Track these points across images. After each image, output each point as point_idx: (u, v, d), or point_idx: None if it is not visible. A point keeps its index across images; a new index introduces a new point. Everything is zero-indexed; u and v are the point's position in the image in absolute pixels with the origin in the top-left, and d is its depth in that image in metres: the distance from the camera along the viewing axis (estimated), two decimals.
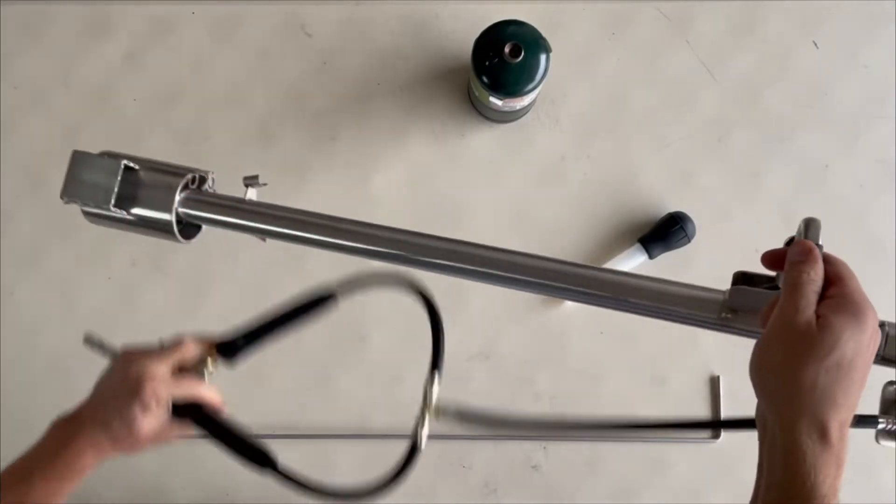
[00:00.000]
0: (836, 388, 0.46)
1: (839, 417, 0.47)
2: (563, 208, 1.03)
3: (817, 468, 0.46)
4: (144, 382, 0.64)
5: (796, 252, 0.52)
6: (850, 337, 0.46)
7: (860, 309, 0.47)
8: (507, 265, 0.67)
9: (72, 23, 1.06)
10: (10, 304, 1.04)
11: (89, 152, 0.76)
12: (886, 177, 1.03)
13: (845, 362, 0.46)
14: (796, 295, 0.49)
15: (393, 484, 0.64)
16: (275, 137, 1.05)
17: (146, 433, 0.65)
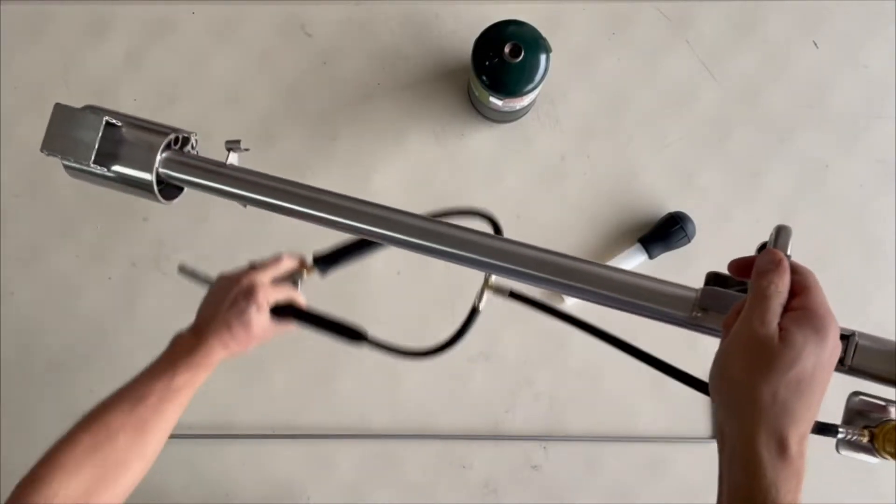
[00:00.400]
0: (796, 402, 0.46)
1: (799, 431, 0.47)
2: (562, 208, 1.03)
3: (777, 483, 0.46)
4: (256, 288, 0.77)
5: (764, 261, 0.50)
6: (811, 351, 0.46)
7: (823, 323, 0.47)
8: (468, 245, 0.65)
9: (72, 22, 1.06)
10: (10, 304, 1.04)
11: (72, 106, 0.74)
12: (886, 177, 1.03)
13: (806, 376, 0.46)
14: (761, 307, 0.48)
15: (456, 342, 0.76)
16: (275, 137, 1.05)
17: (258, 331, 0.77)
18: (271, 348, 1.04)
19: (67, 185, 1.05)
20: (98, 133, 0.72)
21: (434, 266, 1.03)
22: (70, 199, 1.05)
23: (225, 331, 0.77)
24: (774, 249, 0.52)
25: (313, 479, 1.02)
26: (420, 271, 1.04)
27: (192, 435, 1.02)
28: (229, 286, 0.79)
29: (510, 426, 1.02)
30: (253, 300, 0.76)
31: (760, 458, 0.46)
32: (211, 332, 0.77)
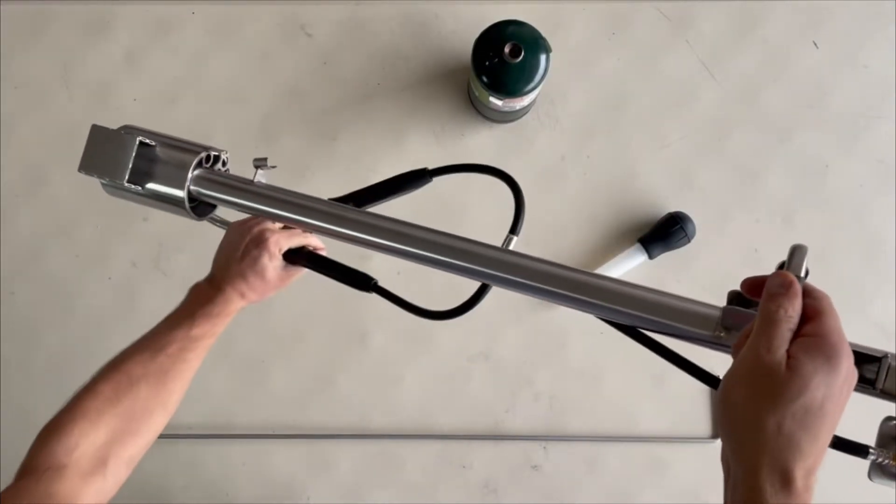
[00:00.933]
0: (803, 434, 0.44)
1: (805, 465, 0.44)
2: (563, 208, 1.03)
3: None
4: (268, 235, 0.77)
5: (774, 284, 0.48)
6: (821, 381, 0.44)
7: (835, 352, 0.44)
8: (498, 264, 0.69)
9: (72, 22, 1.06)
10: (10, 304, 1.04)
11: (107, 127, 0.77)
12: (886, 177, 1.03)
13: (814, 407, 0.44)
14: (769, 332, 0.46)
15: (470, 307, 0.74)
16: (275, 137, 1.05)
17: (273, 278, 0.78)
18: (271, 348, 1.04)
19: (67, 185, 1.05)
20: (132, 153, 0.75)
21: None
22: (70, 199, 1.05)
23: (240, 281, 0.77)
24: (786, 272, 0.49)
25: (313, 479, 1.02)
26: (420, 271, 1.04)
27: (193, 435, 1.02)
28: (241, 235, 0.79)
29: (510, 426, 1.02)
30: (265, 248, 0.77)
31: (763, 492, 0.44)
32: (227, 282, 0.77)
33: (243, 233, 0.79)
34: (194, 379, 1.03)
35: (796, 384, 0.43)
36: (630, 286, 0.63)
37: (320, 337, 1.03)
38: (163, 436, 1.01)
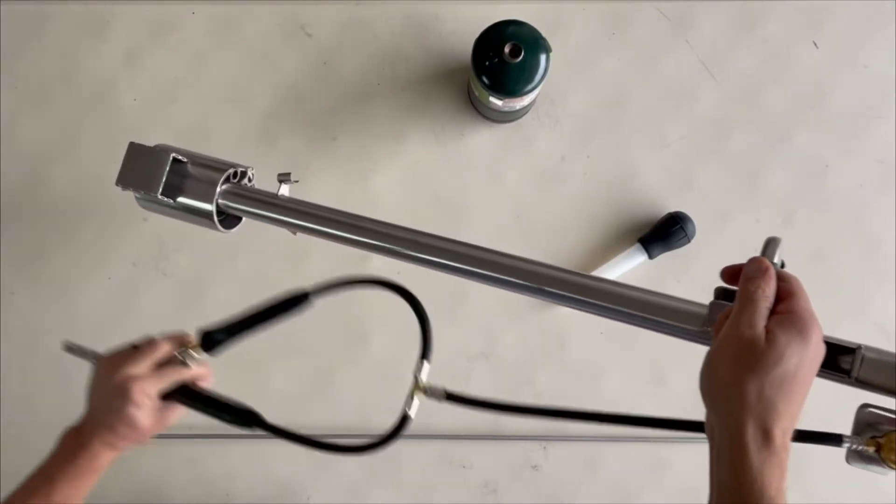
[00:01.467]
0: (780, 398, 0.49)
1: (782, 425, 0.50)
2: (562, 208, 1.03)
3: (763, 473, 0.50)
4: (130, 385, 0.71)
5: (752, 269, 0.54)
6: (794, 352, 0.49)
7: (806, 326, 0.50)
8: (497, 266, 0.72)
9: (72, 22, 1.06)
10: (10, 304, 1.04)
11: (144, 144, 0.82)
12: (886, 177, 1.03)
13: (789, 375, 0.49)
14: (748, 310, 0.51)
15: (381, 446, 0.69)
16: (275, 137, 1.05)
17: (146, 426, 0.72)
18: (271, 348, 1.04)
19: (67, 185, 1.05)
20: (166, 168, 0.81)
21: None
22: (70, 199, 1.05)
23: (108, 433, 0.72)
24: (761, 257, 0.55)
25: (313, 479, 1.02)
26: (420, 271, 1.04)
27: (193, 435, 1.02)
28: (106, 381, 0.73)
29: (510, 426, 1.02)
30: (129, 399, 0.70)
31: (747, 449, 0.50)
32: (94, 435, 0.72)
33: (107, 380, 0.72)
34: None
35: (773, 355, 0.49)
36: (623, 286, 0.66)
37: (320, 337, 1.03)
38: (163, 436, 1.01)
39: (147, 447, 1.01)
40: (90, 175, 1.05)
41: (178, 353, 0.76)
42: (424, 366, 0.66)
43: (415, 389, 0.66)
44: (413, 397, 0.66)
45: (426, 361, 0.67)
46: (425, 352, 0.67)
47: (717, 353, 0.53)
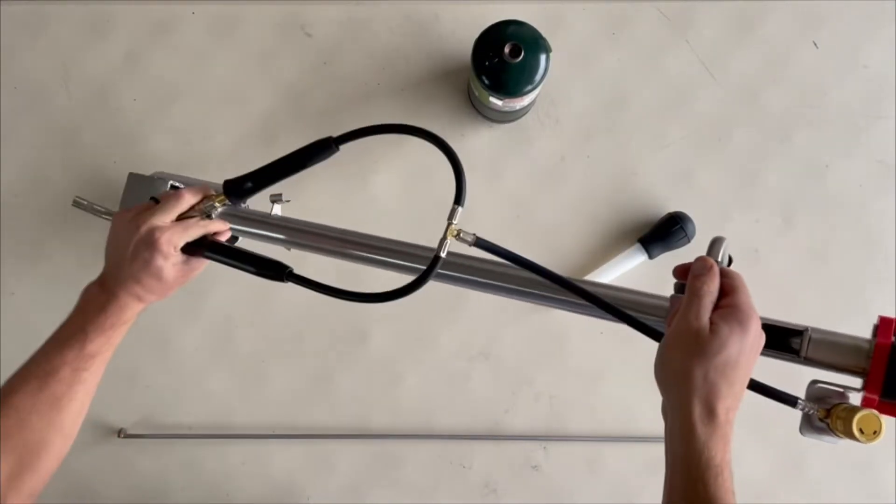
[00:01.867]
0: (723, 381, 0.57)
1: (725, 404, 0.57)
2: (562, 208, 1.03)
3: (709, 444, 0.56)
4: (157, 235, 0.71)
5: (698, 267, 0.61)
6: (735, 341, 0.57)
7: (746, 317, 0.58)
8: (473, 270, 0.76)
9: (72, 22, 1.06)
10: (10, 304, 1.04)
11: (142, 174, 0.88)
12: (886, 177, 1.03)
13: (731, 361, 0.57)
14: (695, 304, 0.59)
15: (414, 289, 0.66)
16: (275, 137, 1.05)
17: (173, 278, 0.73)
18: (271, 348, 1.04)
19: (67, 185, 1.05)
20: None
21: None
22: (70, 198, 1.05)
23: (135, 285, 0.71)
24: (706, 257, 0.62)
25: (313, 479, 1.02)
26: None
27: (193, 435, 1.02)
28: (129, 233, 0.72)
29: (510, 426, 1.02)
30: (157, 249, 0.70)
31: (694, 424, 0.57)
32: (120, 287, 0.71)
33: (131, 231, 0.72)
34: (194, 379, 1.03)
35: (717, 344, 0.57)
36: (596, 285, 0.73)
37: (320, 337, 1.03)
38: (163, 436, 1.01)
39: (147, 447, 1.02)
40: (90, 175, 1.05)
41: (204, 205, 0.76)
42: (458, 210, 0.67)
43: (448, 231, 0.67)
44: (446, 238, 0.67)
45: (459, 206, 0.68)
46: (459, 197, 0.68)
47: (669, 344, 0.60)
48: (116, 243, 0.73)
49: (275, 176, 0.76)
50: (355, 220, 1.04)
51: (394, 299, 0.66)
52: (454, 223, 0.67)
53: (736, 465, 1.00)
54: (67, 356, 0.68)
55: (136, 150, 1.05)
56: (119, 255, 0.72)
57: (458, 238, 0.68)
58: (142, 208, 0.75)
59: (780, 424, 1.01)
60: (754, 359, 0.59)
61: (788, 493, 1.01)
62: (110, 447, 1.02)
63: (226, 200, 0.78)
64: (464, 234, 0.68)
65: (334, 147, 0.74)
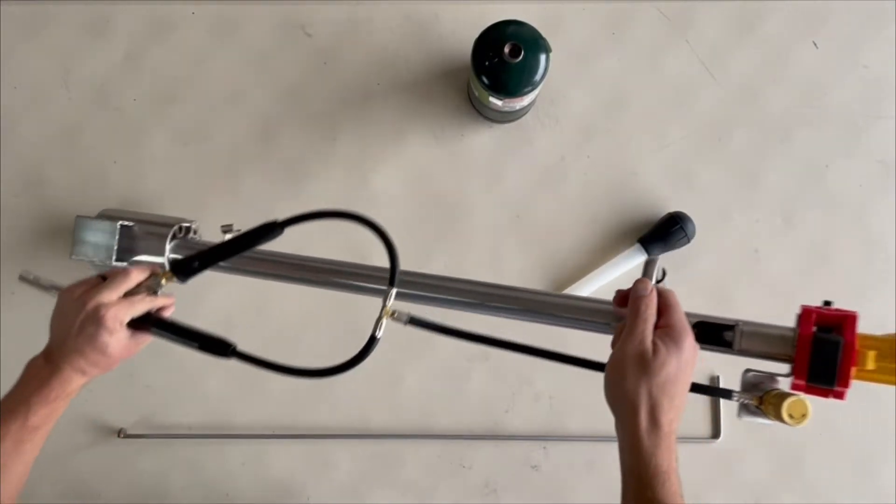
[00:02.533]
0: (664, 397, 0.63)
1: (668, 417, 0.64)
2: (562, 208, 1.03)
3: (655, 453, 0.63)
4: (103, 312, 0.73)
5: (639, 289, 0.68)
6: (673, 360, 0.64)
7: (679, 336, 0.65)
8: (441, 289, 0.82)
9: (72, 22, 1.06)
10: (9, 304, 1.04)
11: (89, 216, 0.91)
12: (886, 177, 1.03)
13: (671, 378, 0.64)
14: (639, 328, 0.65)
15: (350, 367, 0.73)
16: (275, 137, 1.05)
17: (117, 352, 0.75)
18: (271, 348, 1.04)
19: (67, 185, 1.05)
20: (116, 236, 0.90)
21: (433, 266, 1.03)
22: (70, 199, 1.05)
23: (79, 358, 0.73)
24: (646, 279, 0.69)
25: (313, 479, 1.02)
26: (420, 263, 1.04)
27: (193, 435, 1.02)
28: (76, 309, 0.74)
29: (510, 426, 1.02)
30: (102, 325, 0.72)
31: (641, 437, 0.63)
32: (64, 360, 0.73)
33: (77, 308, 0.74)
34: (193, 379, 1.03)
35: (657, 364, 0.63)
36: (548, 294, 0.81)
37: (320, 337, 1.03)
38: (163, 436, 1.01)
39: (147, 447, 1.02)
40: (90, 175, 1.05)
41: (150, 282, 0.79)
42: (392, 291, 0.73)
43: (383, 312, 0.73)
44: (381, 320, 0.73)
45: (394, 288, 0.73)
46: (392, 279, 0.73)
47: (615, 365, 0.66)
48: (63, 319, 0.75)
49: (221, 256, 0.78)
50: None
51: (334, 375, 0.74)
52: (388, 305, 0.72)
53: (736, 466, 1.00)
54: (11, 428, 0.70)
55: (136, 151, 1.05)
56: (65, 330, 0.74)
57: (393, 318, 0.73)
58: (89, 285, 0.76)
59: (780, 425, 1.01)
60: (691, 371, 0.66)
61: (788, 493, 1.01)
62: (110, 447, 1.02)
63: (173, 278, 0.79)
64: (398, 314, 0.74)
65: (279, 230, 0.77)
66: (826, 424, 1.00)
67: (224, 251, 0.78)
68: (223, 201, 1.04)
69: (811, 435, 1.00)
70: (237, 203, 1.04)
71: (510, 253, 1.03)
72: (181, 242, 0.89)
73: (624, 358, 0.65)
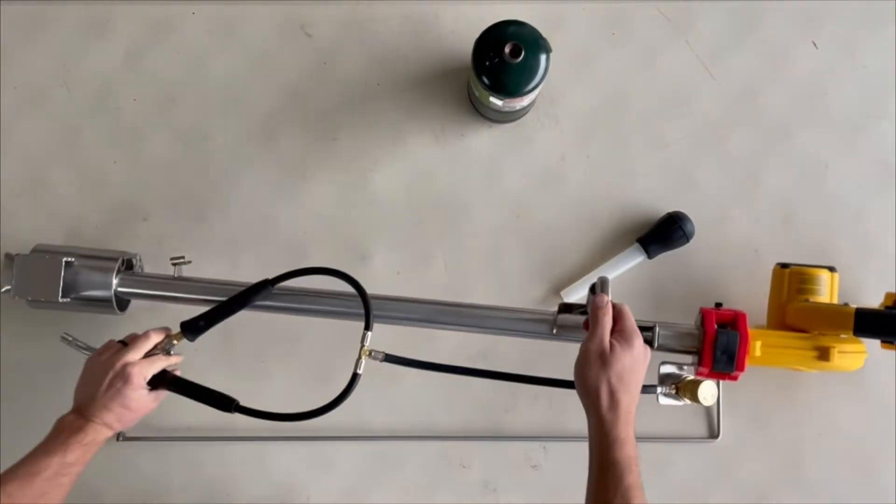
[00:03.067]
0: (621, 384, 0.77)
1: (625, 399, 0.76)
2: (562, 208, 1.03)
3: (615, 425, 0.75)
4: (130, 371, 0.84)
5: (599, 302, 0.82)
6: (626, 355, 0.78)
7: (632, 337, 0.79)
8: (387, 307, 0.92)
9: (72, 22, 1.06)
10: (9, 303, 1.04)
11: (29, 254, 0.93)
12: (886, 177, 1.03)
13: (626, 372, 0.77)
14: (598, 332, 0.80)
15: (335, 405, 0.84)
16: (275, 137, 1.05)
17: (140, 408, 0.86)
18: (271, 348, 1.04)
19: (67, 185, 1.05)
20: (61, 273, 0.91)
21: (433, 266, 1.03)
22: (70, 198, 1.05)
23: (107, 413, 0.83)
24: (603, 294, 0.82)
25: (313, 479, 1.02)
26: (419, 271, 1.04)
27: (192, 437, 1.02)
28: (104, 370, 0.84)
29: (510, 426, 1.02)
30: (129, 382, 0.83)
31: (602, 412, 0.76)
32: (94, 415, 0.83)
33: (106, 368, 0.84)
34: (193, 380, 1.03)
35: (614, 358, 0.77)
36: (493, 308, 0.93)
37: (320, 337, 1.03)
38: (163, 437, 1.01)
39: (147, 449, 1.02)
40: (90, 175, 1.05)
41: (164, 343, 0.89)
42: (367, 335, 0.85)
43: (361, 352, 0.84)
44: (361, 359, 0.84)
45: (368, 332, 0.85)
46: (367, 323, 0.85)
47: (583, 363, 0.79)
48: (91, 379, 0.85)
49: (222, 315, 0.88)
50: (355, 220, 1.04)
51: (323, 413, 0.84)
52: (366, 345, 0.84)
53: (736, 466, 1.00)
54: (52, 462, 0.80)
55: (135, 151, 1.05)
56: (93, 388, 0.84)
57: (371, 357, 0.84)
58: (113, 350, 0.87)
59: (780, 424, 1.01)
60: (643, 365, 0.80)
61: (788, 493, 1.01)
62: (110, 450, 1.01)
63: (182, 337, 0.88)
64: (374, 353, 0.85)
65: (270, 288, 0.89)
66: (826, 424, 1.01)
67: (225, 311, 0.88)
68: (223, 201, 1.04)
69: (811, 435, 1.01)
70: (237, 203, 1.04)
71: (510, 253, 1.03)
72: (127, 276, 0.94)
73: (588, 354, 0.79)
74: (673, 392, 0.88)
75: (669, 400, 0.88)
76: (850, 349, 0.89)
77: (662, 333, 0.88)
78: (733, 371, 0.85)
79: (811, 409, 1.01)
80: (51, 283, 0.91)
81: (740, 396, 1.00)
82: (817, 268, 0.93)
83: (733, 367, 0.85)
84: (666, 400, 0.88)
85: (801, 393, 1.01)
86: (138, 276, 0.95)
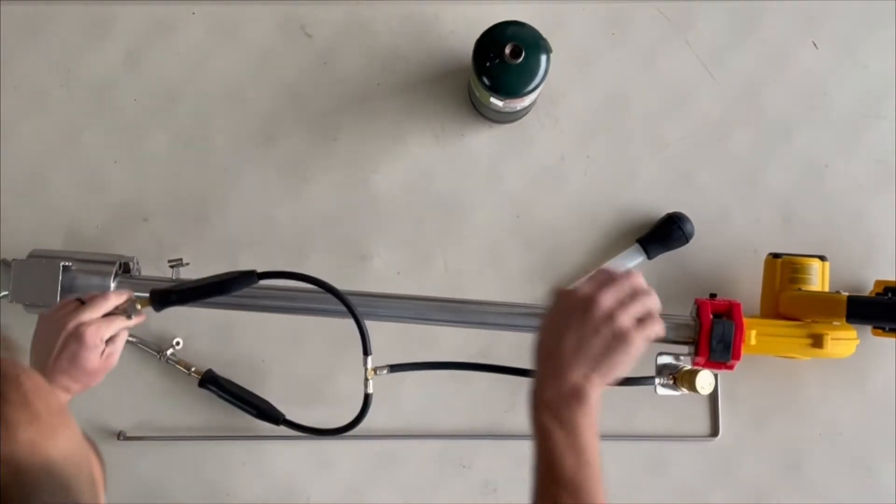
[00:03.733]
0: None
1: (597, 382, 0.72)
2: (562, 208, 1.03)
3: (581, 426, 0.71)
4: (84, 330, 0.79)
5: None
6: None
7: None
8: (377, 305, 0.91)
9: (72, 23, 1.06)
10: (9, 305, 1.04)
11: (26, 259, 0.91)
12: (886, 177, 1.03)
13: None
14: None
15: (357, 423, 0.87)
16: (275, 137, 1.05)
17: (97, 368, 0.80)
18: (271, 348, 1.04)
19: (67, 185, 1.05)
20: (59, 278, 0.90)
21: (433, 266, 1.04)
22: (70, 199, 1.05)
23: (62, 377, 0.79)
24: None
25: (313, 479, 1.02)
26: (419, 271, 1.04)
27: (193, 437, 1.02)
28: (57, 330, 0.79)
29: (511, 426, 1.02)
30: (83, 342, 0.78)
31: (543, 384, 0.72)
32: (50, 380, 0.77)
33: (59, 328, 0.79)
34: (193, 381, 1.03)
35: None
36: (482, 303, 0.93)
37: (320, 336, 1.03)
38: (163, 437, 1.01)
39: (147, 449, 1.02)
40: (90, 175, 1.05)
41: (126, 306, 0.84)
42: (368, 359, 0.86)
43: (367, 374, 0.86)
44: (368, 381, 0.86)
45: (368, 357, 0.86)
46: (365, 349, 0.86)
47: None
48: (44, 339, 0.81)
49: (198, 296, 0.83)
50: (355, 219, 1.04)
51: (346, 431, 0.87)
52: (369, 367, 0.86)
53: (736, 466, 1.00)
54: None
55: (135, 151, 1.05)
56: (46, 349, 0.79)
57: (377, 374, 0.87)
58: (68, 309, 0.81)
59: (780, 423, 1.01)
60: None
61: (788, 492, 1.01)
62: (110, 450, 1.02)
63: (148, 305, 0.84)
64: (379, 370, 0.87)
65: (256, 279, 0.83)
66: (826, 424, 1.01)
67: (202, 292, 0.83)
68: (223, 201, 1.04)
69: (811, 434, 1.01)
70: (237, 203, 1.04)
71: (510, 253, 1.03)
72: (123, 279, 0.92)
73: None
74: (671, 382, 0.88)
75: (667, 390, 0.88)
76: (843, 336, 0.90)
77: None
78: (730, 360, 0.86)
79: (812, 408, 1.01)
80: (48, 287, 0.90)
81: (740, 394, 1.00)
82: (808, 257, 0.94)
83: (730, 355, 0.85)
84: (664, 390, 0.88)
85: (802, 392, 1.01)
86: (135, 280, 0.94)
